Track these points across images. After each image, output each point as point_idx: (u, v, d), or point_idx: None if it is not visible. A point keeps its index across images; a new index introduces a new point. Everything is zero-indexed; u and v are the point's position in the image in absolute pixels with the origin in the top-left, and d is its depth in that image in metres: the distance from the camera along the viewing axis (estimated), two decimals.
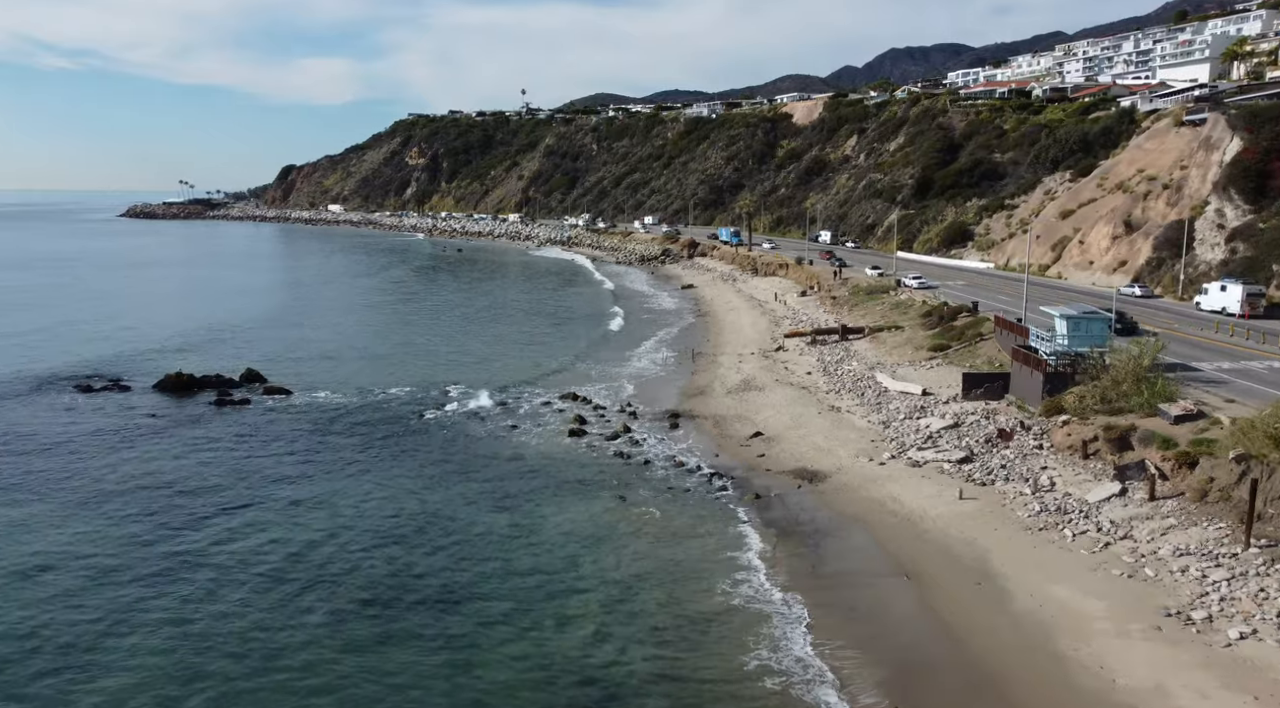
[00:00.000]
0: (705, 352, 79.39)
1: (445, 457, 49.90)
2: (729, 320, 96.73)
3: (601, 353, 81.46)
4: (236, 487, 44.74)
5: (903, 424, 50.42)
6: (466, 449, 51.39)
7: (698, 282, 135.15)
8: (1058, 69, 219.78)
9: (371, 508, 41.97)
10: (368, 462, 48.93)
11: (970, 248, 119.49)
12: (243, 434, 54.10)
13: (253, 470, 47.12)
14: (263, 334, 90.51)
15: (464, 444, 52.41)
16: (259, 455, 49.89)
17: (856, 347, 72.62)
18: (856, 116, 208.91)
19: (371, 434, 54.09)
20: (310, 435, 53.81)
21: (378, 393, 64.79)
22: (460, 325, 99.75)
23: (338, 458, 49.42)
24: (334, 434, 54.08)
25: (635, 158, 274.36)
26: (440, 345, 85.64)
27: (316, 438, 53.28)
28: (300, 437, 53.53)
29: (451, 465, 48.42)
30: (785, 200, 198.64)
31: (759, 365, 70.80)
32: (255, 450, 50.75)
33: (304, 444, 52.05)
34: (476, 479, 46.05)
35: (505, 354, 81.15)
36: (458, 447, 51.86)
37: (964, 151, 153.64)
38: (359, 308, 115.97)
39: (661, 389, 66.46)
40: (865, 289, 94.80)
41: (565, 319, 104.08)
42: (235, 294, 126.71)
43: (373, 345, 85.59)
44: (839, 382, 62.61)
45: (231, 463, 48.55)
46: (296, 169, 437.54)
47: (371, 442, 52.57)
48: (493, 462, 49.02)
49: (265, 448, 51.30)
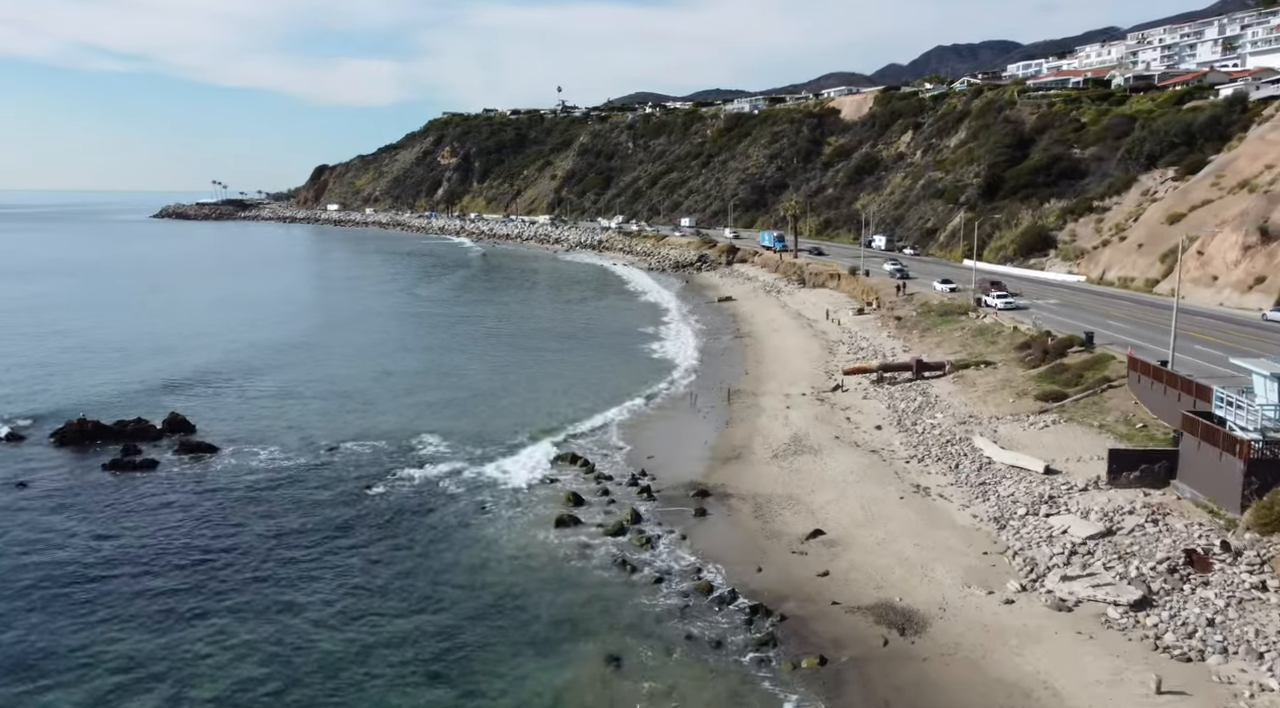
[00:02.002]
0: (744, 389, 64.55)
1: (376, 569, 35.51)
2: (773, 344, 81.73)
3: (618, 386, 66.88)
4: (40, 626, 30.87)
5: (1026, 525, 35.31)
6: (411, 553, 37.09)
7: (737, 293, 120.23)
8: (1131, 59, 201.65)
9: (236, 669, 27.88)
10: (262, 581, 34.49)
11: (1054, 257, 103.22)
12: (115, 520, 40.12)
13: (80, 597, 32.94)
14: (222, 359, 77.17)
15: (410, 543, 38.15)
16: (108, 566, 35.78)
17: (937, 389, 57.30)
18: (911, 110, 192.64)
19: (285, 525, 39.89)
20: (200, 527, 39.68)
21: (327, 450, 50.83)
22: (458, 349, 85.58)
23: (217, 575, 34.90)
24: (233, 527, 39.79)
25: (672, 156, 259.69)
26: (427, 378, 71.24)
27: (208, 532, 39.11)
28: (185, 528, 39.47)
29: (380, 584, 34.09)
30: (833, 201, 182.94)
31: (813, 413, 55.84)
32: (112, 554, 36.60)
33: (185, 541, 37.98)
34: (411, 613, 31.70)
35: (501, 392, 66.80)
36: (400, 549, 37.58)
37: (1036, 147, 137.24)
38: (348, 323, 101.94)
39: (687, 446, 51.80)
40: (937, 309, 79.34)
41: (581, 340, 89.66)
42: (218, 306, 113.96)
43: (347, 378, 71.32)
44: (921, 444, 47.50)
45: (64, 574, 34.68)
46: (329, 169, 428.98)
47: (282, 541, 38.22)
48: (442, 578, 34.66)
49: (126, 549, 37.10)
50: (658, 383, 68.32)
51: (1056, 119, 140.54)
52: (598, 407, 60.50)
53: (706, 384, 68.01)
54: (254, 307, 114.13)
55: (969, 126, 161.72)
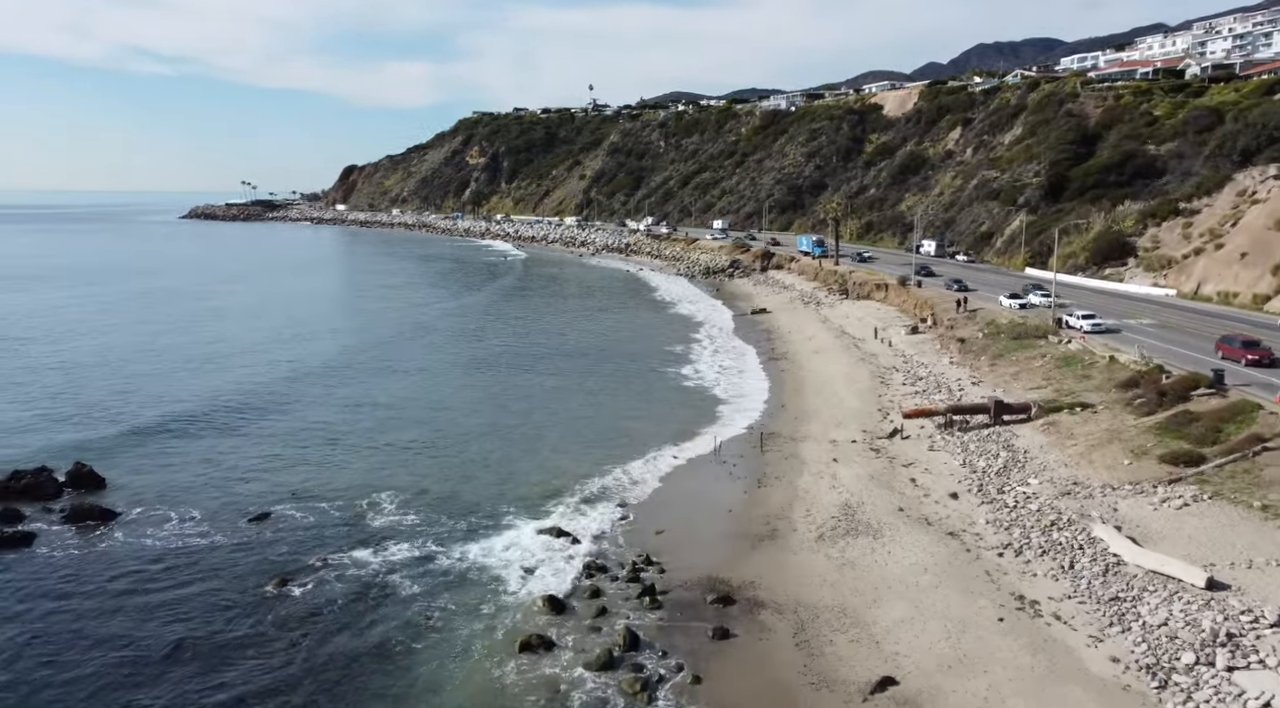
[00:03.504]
0: (780, 431, 53.34)
1: None
2: (814, 370, 70.42)
3: (634, 428, 55.93)
4: None
5: (1201, 685, 23.95)
6: (312, 701, 26.51)
7: (772, 304, 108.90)
8: (1199, 49, 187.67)
9: None
10: None
11: (1134, 266, 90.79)
12: None
13: None
14: (175, 381, 67.29)
15: (318, 677, 27.59)
16: None
17: (1023, 440, 45.74)
18: (960, 106, 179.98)
19: (148, 649, 29.28)
20: (30, 646, 29.45)
21: (254, 519, 40.38)
22: (449, 373, 74.69)
23: None
24: (73, 655, 29.55)
25: (705, 155, 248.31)
26: (405, 413, 60.12)
27: (48, 650, 28.84)
28: (24, 652, 29.27)
29: None
30: (876, 202, 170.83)
31: (867, 469, 44.59)
32: None
33: (9, 675, 27.74)
34: None
35: (491, 433, 55.88)
36: (299, 689, 27.01)
37: (1104, 143, 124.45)
38: (327, 337, 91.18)
39: (708, 515, 40.82)
40: (1007, 330, 67.61)
41: (597, 362, 78.71)
42: (198, 322, 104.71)
43: (311, 409, 60.50)
44: (1015, 523, 36.11)
45: None
46: (358, 169, 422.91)
47: (132, 680, 27.77)
48: None
49: None
50: (681, 422, 57.24)
51: (1125, 113, 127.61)
52: (606, 456, 49.45)
53: (734, 420, 57.00)
54: (240, 319, 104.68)
55: (1025, 122, 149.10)
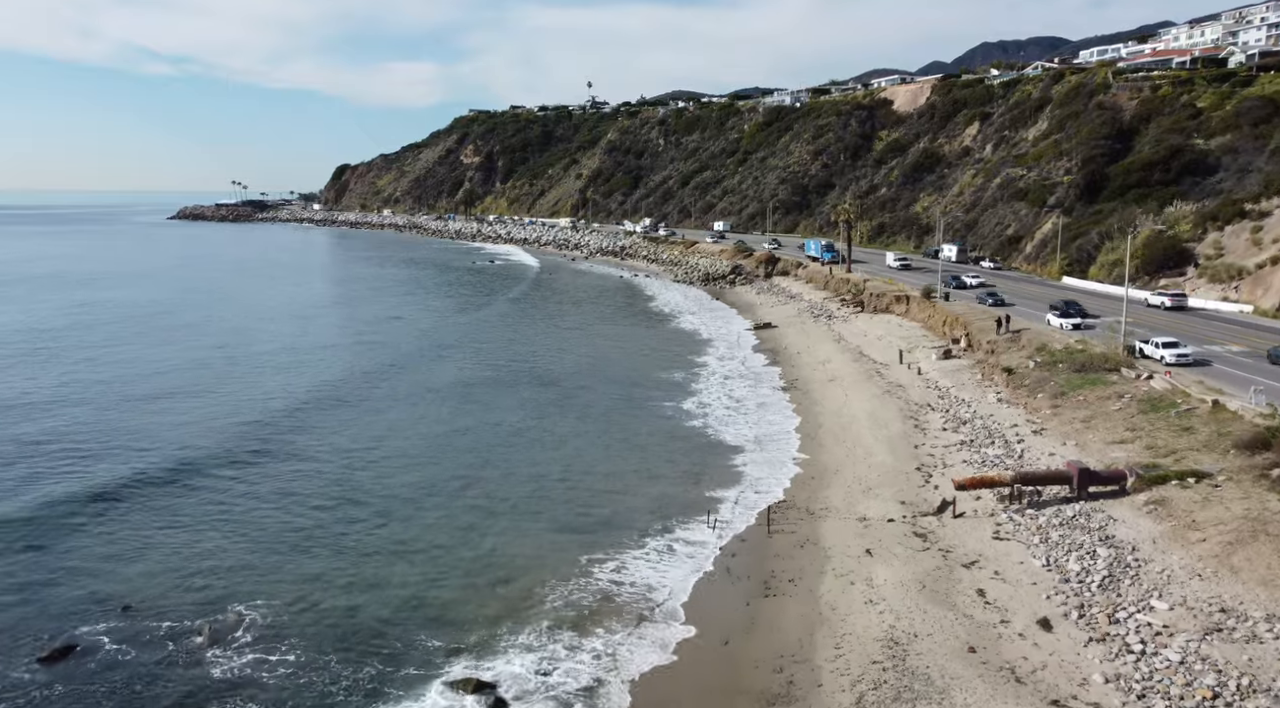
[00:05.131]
0: (793, 501, 41.45)
1: None
2: (831, 406, 58.51)
3: (608, 490, 44.18)
4: None
5: None
6: None
7: (778, 317, 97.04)
8: (1230, 39, 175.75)
9: None
10: None
11: (1195, 276, 78.86)
12: None
13: None
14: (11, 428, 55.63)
15: None
16: None
17: (1125, 526, 33.73)
18: (977, 99, 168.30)
19: None
20: None
21: (44, 654, 28.75)
22: (378, 417, 62.25)
23: None
24: None
25: (706, 154, 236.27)
26: (303, 485, 45.64)
27: None
28: None
29: None
30: (887, 203, 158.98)
31: (914, 571, 32.70)
32: None
33: None
34: None
35: (413, 519, 42.26)
36: None
37: (1142, 137, 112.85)
38: (257, 377, 75.55)
39: (691, 656, 28.99)
40: (1064, 357, 55.66)
41: (573, 396, 66.81)
42: (103, 345, 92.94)
43: (185, 485, 48.57)
44: (1151, 690, 24.27)
45: None
46: (351, 169, 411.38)
47: None
48: None
49: None
50: (674, 483, 45.36)
51: (1165, 104, 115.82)
52: (567, 549, 37.03)
53: (734, 477, 45.23)
54: (143, 347, 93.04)
55: (1051, 115, 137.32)
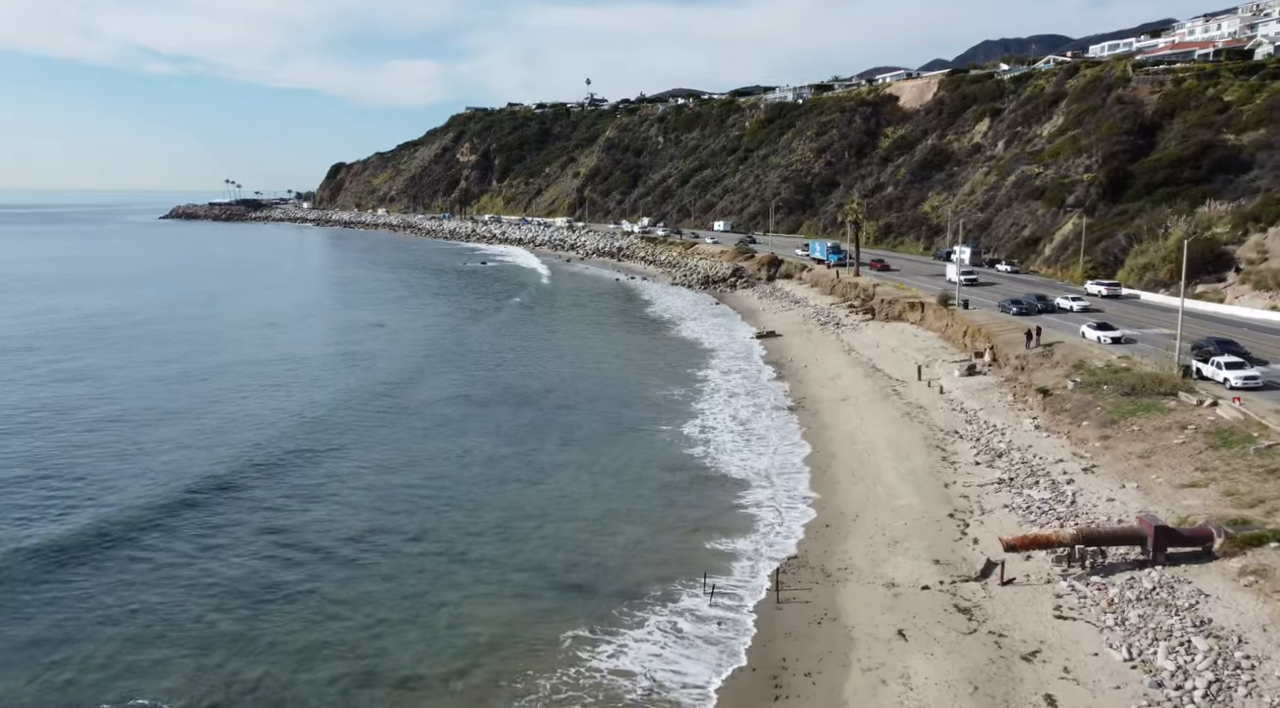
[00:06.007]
0: (806, 557, 35.29)
1: None
2: (845, 431, 52.41)
3: (595, 538, 38.16)
4: None
5: None
6: None
7: (782, 325, 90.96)
8: (1248, 32, 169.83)
9: None
10: None
11: (1235, 282, 72.84)
12: None
13: None
14: None
15: None
16: None
17: (1221, 605, 27.41)
18: (986, 95, 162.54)
19: None
20: None
21: None
22: (320, 448, 56.39)
23: None
24: None
25: (706, 152, 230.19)
26: (226, 540, 38.92)
27: None
28: None
29: None
30: (894, 202, 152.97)
31: (960, 667, 26.40)
32: None
33: None
34: None
35: (346, 572, 35.59)
36: None
37: (1166, 133, 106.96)
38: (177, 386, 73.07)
39: None
40: (1108, 377, 49.55)
41: (555, 420, 60.82)
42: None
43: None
44: None
45: None
46: (346, 167, 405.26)
47: None
48: None
49: None
50: (675, 530, 39.28)
51: (1190, 98, 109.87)
52: (541, 621, 30.71)
53: (739, 523, 39.21)
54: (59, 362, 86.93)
55: (1066, 110, 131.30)
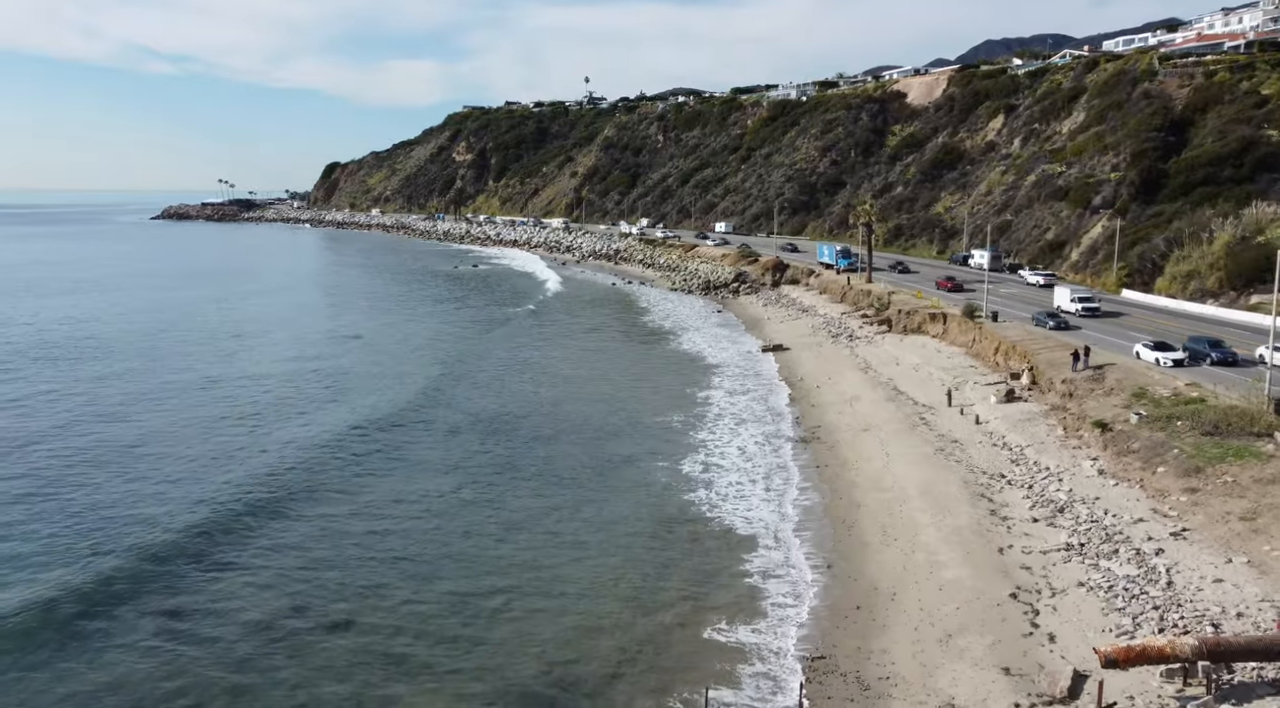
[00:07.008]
0: (834, 656, 28.02)
1: None
2: (870, 475, 45.14)
3: (552, 658, 30.91)
4: None
5: None
6: None
7: (789, 337, 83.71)
8: (1272, 25, 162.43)
9: None
10: None
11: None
12: None
13: None
14: None
15: None
16: None
17: None
18: (1000, 90, 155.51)
19: None
20: None
21: None
22: (231, 505, 48.81)
23: None
24: None
25: (707, 150, 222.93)
26: (113, 621, 34.97)
27: None
28: None
29: None
30: (904, 203, 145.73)
31: None
32: None
33: None
34: None
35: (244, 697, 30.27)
36: None
37: (1200, 129, 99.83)
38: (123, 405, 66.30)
39: None
40: (1178, 409, 42.26)
41: (526, 449, 53.57)
42: None
43: None
44: None
45: None
46: (340, 167, 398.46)
47: None
48: None
49: None
50: (660, 616, 32.06)
51: (1223, 92, 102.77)
52: None
53: (749, 603, 32.03)
54: None
55: (1088, 106, 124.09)
